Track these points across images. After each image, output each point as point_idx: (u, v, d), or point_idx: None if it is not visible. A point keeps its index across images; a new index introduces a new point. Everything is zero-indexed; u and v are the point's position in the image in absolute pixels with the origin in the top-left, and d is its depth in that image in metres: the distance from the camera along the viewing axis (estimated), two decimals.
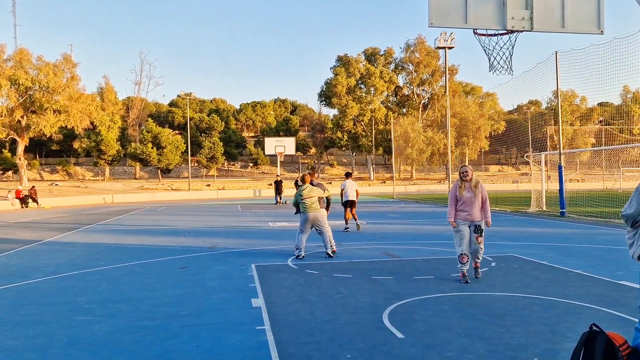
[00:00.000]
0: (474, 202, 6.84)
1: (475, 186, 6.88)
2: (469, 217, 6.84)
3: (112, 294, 6.60)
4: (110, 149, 57.86)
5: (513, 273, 7.44)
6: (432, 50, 63.33)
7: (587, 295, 6.03)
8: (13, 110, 44.93)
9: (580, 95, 69.14)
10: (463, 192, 6.85)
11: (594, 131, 66.10)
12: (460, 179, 6.97)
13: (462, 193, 6.85)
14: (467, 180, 6.89)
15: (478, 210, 6.87)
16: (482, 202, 6.91)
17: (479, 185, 6.92)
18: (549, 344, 4.34)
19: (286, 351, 4.28)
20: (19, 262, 9.48)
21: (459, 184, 6.93)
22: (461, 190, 6.88)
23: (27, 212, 26.99)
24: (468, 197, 6.84)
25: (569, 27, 5.98)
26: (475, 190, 6.86)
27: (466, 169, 6.96)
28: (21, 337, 4.81)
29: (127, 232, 14.91)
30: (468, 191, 6.85)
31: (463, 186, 6.90)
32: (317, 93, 68.82)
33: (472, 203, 6.83)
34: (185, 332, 4.87)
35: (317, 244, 11.03)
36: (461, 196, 6.88)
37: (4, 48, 44.34)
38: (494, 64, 6.49)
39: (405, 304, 5.76)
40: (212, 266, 8.54)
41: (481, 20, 5.91)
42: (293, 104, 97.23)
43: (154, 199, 41.32)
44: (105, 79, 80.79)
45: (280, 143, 33.95)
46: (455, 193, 6.94)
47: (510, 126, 64.31)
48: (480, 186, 6.92)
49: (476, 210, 6.85)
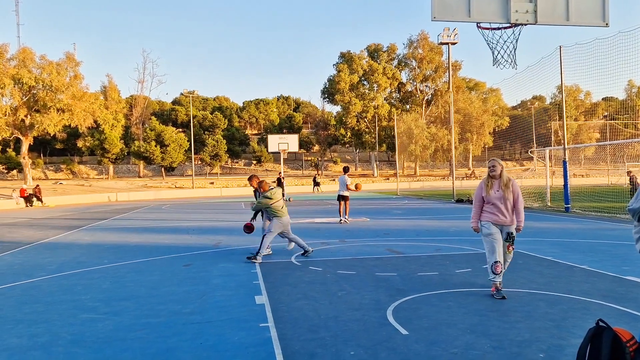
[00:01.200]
0: (504, 203, 5.83)
1: (506, 184, 5.85)
2: (498, 220, 5.85)
3: (116, 291, 6.60)
4: (113, 148, 57.98)
5: (518, 269, 7.40)
6: (435, 46, 63.16)
7: (593, 290, 5.99)
8: (17, 109, 45.07)
9: (585, 90, 68.79)
10: (490, 192, 5.86)
11: (598, 126, 65.78)
12: (488, 175, 5.99)
13: (490, 192, 5.86)
14: (496, 176, 5.91)
15: (509, 213, 5.86)
16: (514, 203, 5.89)
17: (510, 183, 5.88)
18: (555, 340, 4.30)
19: (290, 348, 4.26)
20: (23, 260, 9.50)
21: (486, 182, 5.94)
22: (488, 189, 5.88)
23: (31, 211, 27.09)
24: (497, 198, 5.83)
25: (573, 20, 5.92)
26: (505, 190, 5.83)
27: (494, 163, 5.94)
28: (25, 335, 4.81)
29: (131, 230, 14.93)
30: (497, 190, 5.85)
31: (490, 184, 5.91)
32: (320, 90, 68.78)
33: (502, 204, 5.83)
34: (190, 329, 4.86)
35: (321, 241, 11.01)
36: (488, 196, 5.88)
37: (7, 47, 44.45)
38: (498, 58, 6.44)
39: (409, 301, 5.73)
40: (216, 263, 8.53)
41: (485, 13, 5.85)
42: (296, 101, 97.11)
43: (157, 197, 41.41)
44: (109, 77, 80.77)
45: (284, 140, 33.85)
46: (482, 193, 5.94)
47: (514, 122, 64.08)
48: (512, 184, 5.89)
49: (507, 213, 5.84)
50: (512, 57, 6.41)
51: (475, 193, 6.07)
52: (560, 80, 17.78)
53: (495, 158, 6.04)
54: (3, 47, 43.96)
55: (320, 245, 10.37)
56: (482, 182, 6.01)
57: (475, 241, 10.46)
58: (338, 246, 10.24)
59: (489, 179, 5.95)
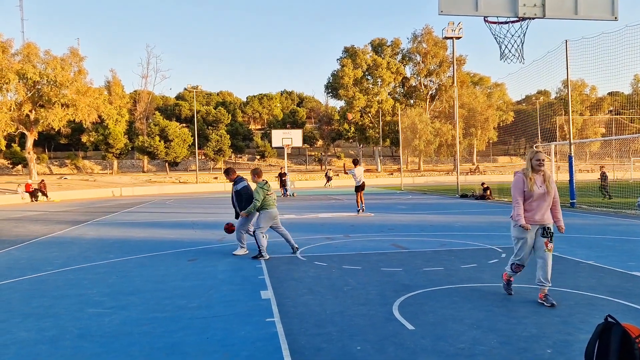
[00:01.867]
0: (547, 200, 5.30)
1: (548, 180, 5.34)
2: (539, 220, 5.30)
3: (122, 286, 6.63)
4: (118, 143, 58.10)
5: None
6: (440, 41, 62.87)
7: (600, 286, 5.97)
8: (22, 104, 45.18)
9: (590, 85, 68.43)
10: (534, 187, 5.26)
11: (604, 121, 65.47)
12: (531, 168, 5.33)
13: (533, 188, 5.25)
14: (541, 170, 5.32)
15: (548, 210, 5.37)
16: (554, 202, 5.39)
17: (551, 179, 5.39)
18: (562, 335, 4.29)
19: (296, 342, 4.27)
20: (29, 255, 9.55)
21: (528, 175, 5.31)
22: (532, 185, 5.26)
23: (36, 206, 27.20)
24: (540, 194, 5.26)
25: (582, 14, 5.86)
26: (548, 186, 5.31)
27: (542, 156, 5.32)
28: (33, 329, 4.84)
29: (136, 224, 14.98)
30: (540, 186, 5.28)
31: (533, 179, 5.29)
32: (324, 85, 68.73)
33: (544, 202, 5.29)
34: (196, 324, 4.87)
35: (325, 236, 11.01)
36: (531, 192, 5.25)
37: (11, 42, 44.51)
38: (505, 52, 6.38)
39: (415, 296, 5.73)
40: (221, 258, 8.55)
41: (492, 7, 5.81)
42: (300, 96, 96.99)
43: (162, 192, 41.50)
44: (113, 72, 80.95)
45: (287, 135, 33.83)
46: (524, 188, 5.30)
47: (519, 117, 63.83)
48: (552, 179, 5.41)
49: (547, 212, 5.35)
50: (519, 51, 6.37)
51: (515, 188, 5.36)
52: (566, 74, 17.67)
53: (539, 150, 5.42)
54: (7, 42, 44.01)
55: (325, 240, 10.37)
56: (521, 176, 5.36)
57: (479, 236, 10.44)
58: (343, 241, 10.24)
59: (532, 172, 5.32)
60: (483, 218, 14.34)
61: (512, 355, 3.88)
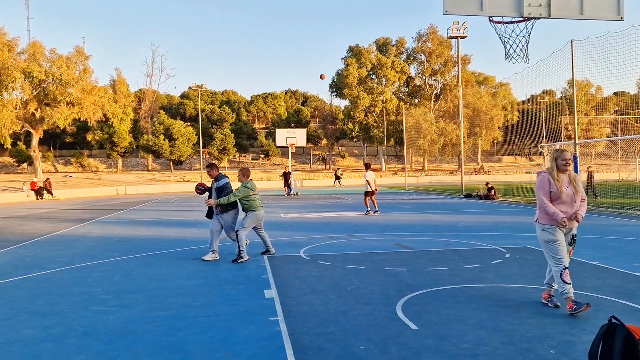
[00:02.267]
0: (575, 201, 4.99)
1: (574, 180, 5.05)
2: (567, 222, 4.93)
3: (127, 284, 6.65)
4: (122, 141, 58.30)
5: (528, 264, 7.36)
6: (445, 40, 62.75)
7: (604, 287, 5.95)
8: (27, 102, 45.41)
9: (596, 85, 68.09)
10: (563, 188, 4.94)
11: (609, 121, 65.15)
12: (557, 168, 5.02)
13: (562, 189, 4.93)
14: (567, 170, 5.03)
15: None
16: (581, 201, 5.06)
17: (577, 179, 5.10)
18: (566, 336, 4.28)
19: (299, 342, 4.27)
20: (35, 252, 9.60)
21: (555, 176, 4.98)
22: (560, 185, 4.93)
23: (42, 204, 27.33)
24: (569, 195, 4.95)
25: (587, 13, 5.84)
26: (576, 186, 5.02)
27: (568, 155, 4.99)
28: (38, 327, 4.87)
29: (140, 223, 15.03)
30: (567, 187, 4.96)
31: (560, 179, 4.97)
32: (328, 84, 68.59)
33: (573, 203, 4.98)
34: (199, 323, 4.89)
35: (329, 235, 11.02)
36: (560, 194, 4.92)
37: (17, 41, 44.75)
38: (510, 52, 6.37)
39: (419, 296, 5.72)
40: (224, 257, 8.57)
41: (497, 7, 5.79)
42: (304, 95, 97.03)
43: (166, 190, 41.60)
44: (118, 71, 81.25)
45: (292, 134, 33.81)
46: (550, 189, 4.96)
47: (524, 116, 63.61)
48: (578, 179, 5.13)
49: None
50: (524, 51, 6.34)
51: (541, 189, 5.02)
52: (571, 74, 17.60)
53: (564, 149, 5.09)
54: (13, 41, 44.25)
55: (328, 240, 10.38)
56: (546, 176, 5.02)
57: (483, 236, 10.42)
58: (346, 240, 10.24)
59: (558, 172, 5.01)
60: (487, 218, 14.31)
61: (515, 355, 3.87)
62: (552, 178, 4.98)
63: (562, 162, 4.98)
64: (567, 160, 4.97)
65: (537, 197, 5.09)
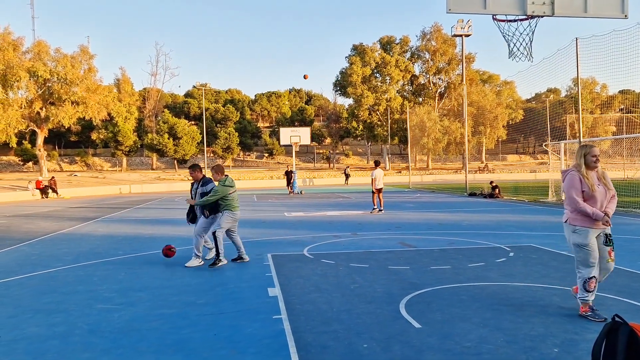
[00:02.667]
0: (607, 199, 4.75)
1: (603, 176, 4.82)
2: (600, 225, 4.69)
3: (131, 282, 6.69)
4: (127, 140, 58.45)
5: (532, 263, 7.36)
6: (449, 38, 62.50)
7: (608, 285, 5.93)
8: (32, 102, 45.59)
9: (601, 83, 67.71)
10: (595, 186, 4.67)
11: (614, 119, 64.79)
12: (586, 165, 4.74)
13: (594, 187, 4.66)
14: (597, 167, 4.76)
15: None
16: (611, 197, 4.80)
17: (606, 175, 4.86)
18: (569, 335, 4.28)
19: (303, 340, 4.29)
20: (40, 251, 9.65)
21: (584, 174, 4.71)
22: (592, 184, 4.66)
23: (47, 202, 27.46)
24: (601, 193, 4.69)
25: (591, 12, 5.82)
26: (607, 183, 4.78)
27: (597, 151, 4.72)
28: (43, 325, 4.90)
29: (145, 221, 15.08)
30: (598, 184, 4.71)
31: (590, 177, 4.70)
32: (332, 82, 68.57)
33: (604, 201, 4.73)
34: (203, 321, 4.91)
35: (333, 234, 11.02)
36: (592, 192, 4.65)
37: (22, 40, 44.90)
38: (514, 50, 6.35)
39: (422, 294, 5.73)
40: (228, 256, 8.58)
41: (501, 5, 5.78)
42: (308, 94, 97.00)
43: (170, 189, 41.70)
44: (122, 70, 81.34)
45: (296, 133, 33.84)
46: (582, 187, 4.67)
47: (529, 115, 63.31)
48: (607, 175, 4.88)
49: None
50: (528, 50, 6.33)
51: (573, 188, 4.71)
52: (576, 72, 17.53)
53: (593, 144, 4.83)
54: (19, 40, 44.41)
55: (332, 239, 10.39)
56: (575, 174, 4.72)
57: (487, 235, 10.41)
58: (350, 239, 10.25)
59: (588, 170, 4.73)
60: (491, 217, 14.28)
61: (518, 354, 3.87)
62: (583, 176, 4.70)
63: (592, 159, 4.70)
64: (597, 156, 4.69)
65: (567, 197, 4.78)
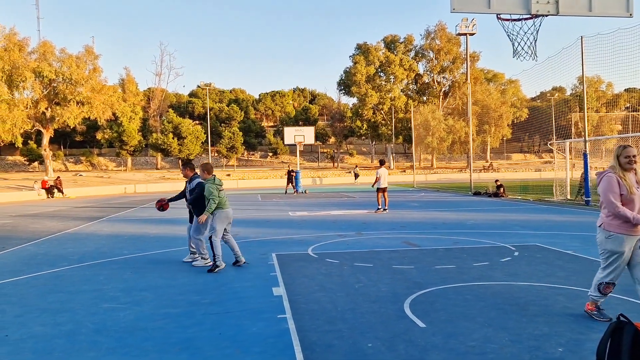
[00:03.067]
0: None
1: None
2: (638, 231, 4.40)
3: (137, 282, 6.72)
4: (132, 140, 58.64)
5: (536, 262, 7.34)
6: (453, 37, 62.33)
7: None
8: (38, 102, 45.84)
9: (606, 81, 67.38)
10: (634, 189, 4.36)
11: (620, 118, 64.46)
12: (620, 166, 4.44)
13: (633, 190, 4.35)
14: (633, 168, 4.43)
15: None
16: None
17: None
18: (574, 334, 4.27)
19: (308, 339, 4.30)
20: (46, 250, 9.71)
21: (621, 175, 4.40)
22: (631, 186, 4.35)
23: (52, 202, 27.60)
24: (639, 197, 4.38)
25: (596, 10, 5.80)
26: None
27: (632, 151, 4.39)
28: (49, 324, 4.94)
29: (150, 221, 15.13)
30: (637, 187, 4.40)
31: (628, 179, 4.38)
32: (336, 82, 68.56)
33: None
34: (208, 320, 4.93)
35: (338, 233, 11.03)
36: (631, 195, 4.33)
37: (28, 41, 45.14)
38: (518, 49, 6.34)
39: (427, 293, 5.73)
40: (230, 257, 8.60)
41: (505, 4, 5.77)
42: (312, 93, 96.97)
43: (175, 188, 41.78)
44: (127, 70, 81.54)
45: (300, 132, 33.84)
46: (620, 190, 4.35)
47: (533, 113, 63.07)
48: None
49: None
50: (532, 49, 6.32)
51: (611, 192, 4.37)
52: (581, 71, 17.46)
53: (628, 144, 4.50)
54: (24, 40, 44.65)
55: (336, 238, 10.40)
56: (612, 176, 4.40)
57: (492, 234, 10.39)
58: (355, 238, 10.26)
59: (624, 171, 4.42)
60: (496, 216, 14.25)
61: (523, 353, 3.87)
62: (617, 178, 4.39)
63: (625, 160, 4.39)
64: (631, 157, 4.37)
65: (604, 201, 4.45)
